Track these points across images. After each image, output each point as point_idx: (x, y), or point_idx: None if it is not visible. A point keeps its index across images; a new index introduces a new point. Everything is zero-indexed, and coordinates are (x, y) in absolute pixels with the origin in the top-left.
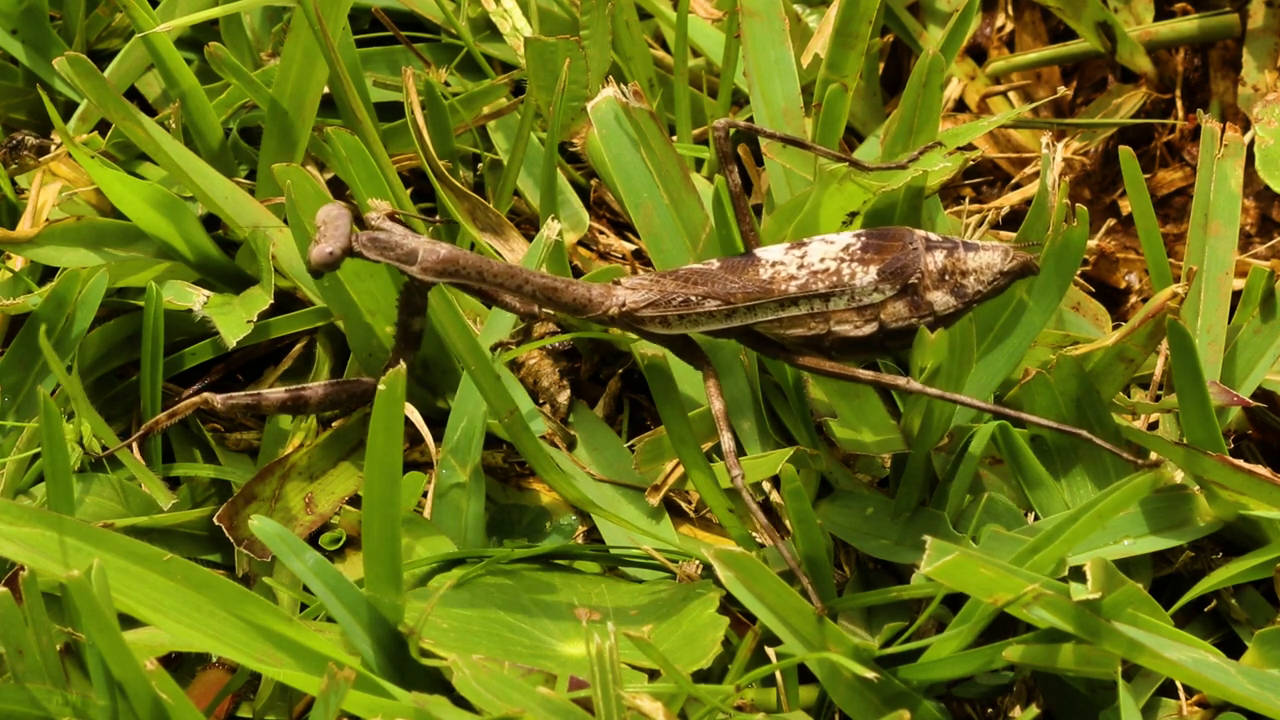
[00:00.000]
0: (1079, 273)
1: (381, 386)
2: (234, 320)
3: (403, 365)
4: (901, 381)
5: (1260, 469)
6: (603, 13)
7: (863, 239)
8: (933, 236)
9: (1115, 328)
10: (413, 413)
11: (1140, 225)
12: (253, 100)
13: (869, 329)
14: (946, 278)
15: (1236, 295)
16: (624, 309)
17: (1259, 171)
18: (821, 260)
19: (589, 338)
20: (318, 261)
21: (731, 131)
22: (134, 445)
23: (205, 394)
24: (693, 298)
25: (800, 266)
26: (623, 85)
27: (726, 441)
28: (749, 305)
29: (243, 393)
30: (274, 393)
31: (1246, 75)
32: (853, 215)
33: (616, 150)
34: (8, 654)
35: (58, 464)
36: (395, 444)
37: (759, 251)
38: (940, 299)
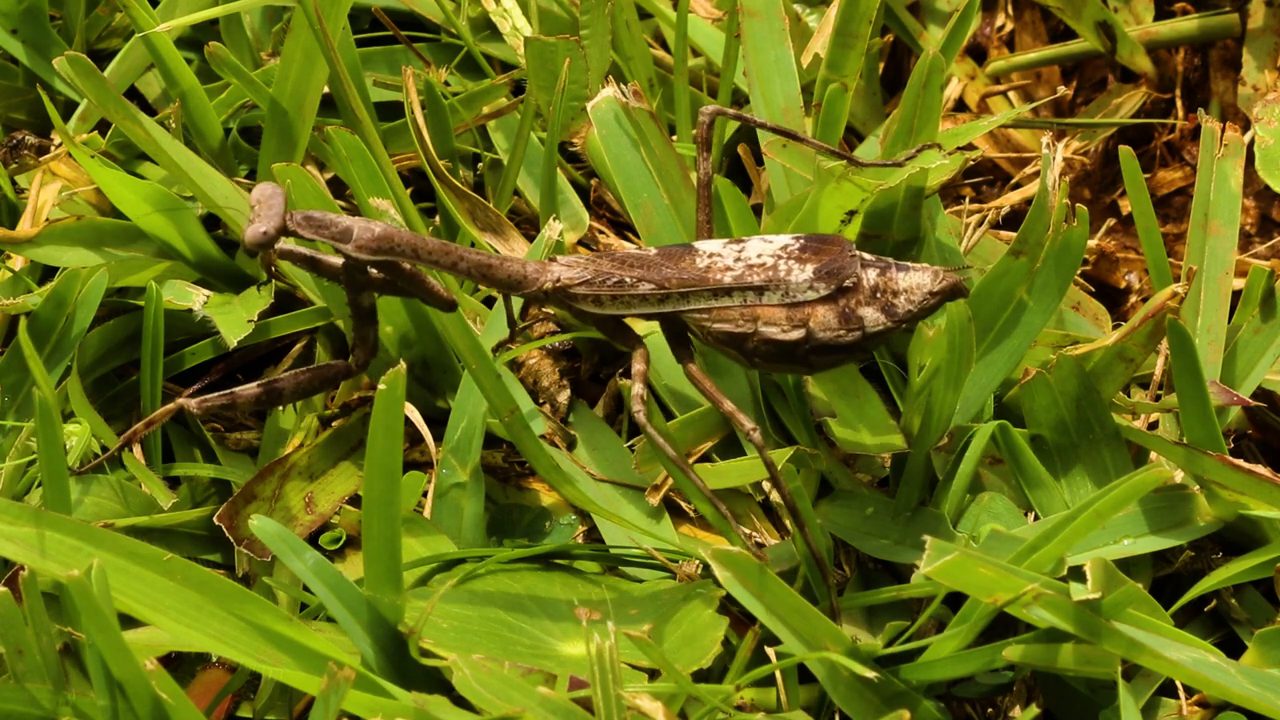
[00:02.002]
0: (1079, 272)
1: (381, 386)
2: (234, 320)
3: (402, 365)
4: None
5: (1260, 469)
6: (602, 12)
7: (801, 241)
8: (866, 255)
9: (1115, 327)
10: (412, 412)
11: (1140, 225)
12: (253, 100)
13: (796, 334)
14: (879, 295)
15: (1236, 295)
16: (558, 284)
17: (1259, 171)
18: (759, 255)
19: (589, 338)
20: (252, 241)
21: (719, 121)
22: (119, 454)
23: (180, 400)
24: (627, 279)
25: (737, 259)
26: (623, 85)
27: (637, 388)
28: (683, 292)
29: (217, 394)
30: (248, 389)
31: (1246, 75)
32: (851, 214)
33: (616, 150)
34: (8, 654)
35: (53, 466)
36: (395, 444)
37: (697, 244)
38: (871, 315)
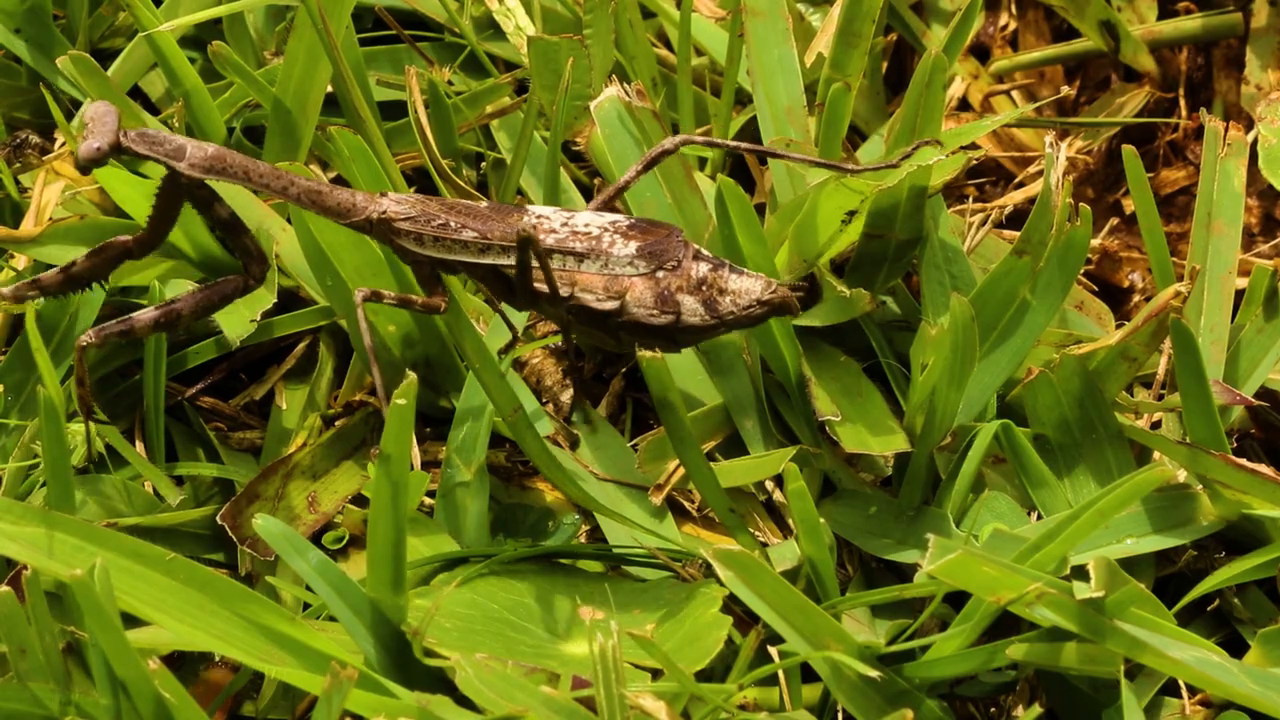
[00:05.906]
0: (1082, 272)
1: (400, 401)
2: (237, 319)
3: (413, 377)
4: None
5: (1263, 468)
6: (606, 11)
7: (633, 220)
8: (703, 251)
9: (1118, 327)
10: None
11: (1143, 224)
12: (256, 99)
13: (610, 305)
14: (704, 288)
15: (1239, 294)
16: (383, 216)
17: (1262, 170)
18: (586, 225)
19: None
20: (85, 158)
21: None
22: (87, 417)
23: (80, 339)
24: (452, 223)
25: (564, 225)
26: (626, 84)
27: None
28: (504, 245)
29: (114, 321)
30: (145, 313)
31: (1250, 74)
32: (852, 214)
33: (620, 149)
34: (11, 653)
35: (58, 465)
36: (404, 455)
37: (531, 205)
38: (690, 304)
